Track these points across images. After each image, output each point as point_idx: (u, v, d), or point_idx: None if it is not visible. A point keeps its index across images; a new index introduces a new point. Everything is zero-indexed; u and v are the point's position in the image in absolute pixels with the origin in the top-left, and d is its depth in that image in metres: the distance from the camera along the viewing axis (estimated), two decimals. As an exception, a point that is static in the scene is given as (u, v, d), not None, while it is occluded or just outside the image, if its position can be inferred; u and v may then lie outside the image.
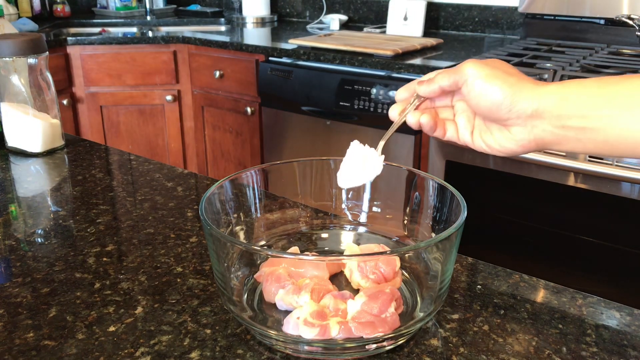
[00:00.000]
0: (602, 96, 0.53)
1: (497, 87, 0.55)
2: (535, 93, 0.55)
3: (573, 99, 0.53)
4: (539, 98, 0.54)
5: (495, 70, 0.56)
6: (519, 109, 0.55)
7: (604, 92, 0.53)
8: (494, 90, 0.56)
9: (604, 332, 0.59)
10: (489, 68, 0.57)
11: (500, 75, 0.56)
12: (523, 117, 0.55)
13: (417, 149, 1.98)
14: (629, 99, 0.51)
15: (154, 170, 1.02)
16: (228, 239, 0.58)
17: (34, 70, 1.06)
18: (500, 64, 0.58)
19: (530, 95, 0.55)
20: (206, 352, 0.56)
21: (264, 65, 2.26)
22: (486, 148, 0.60)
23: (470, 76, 0.57)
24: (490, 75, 0.56)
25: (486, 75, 0.56)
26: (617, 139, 0.53)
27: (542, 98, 0.54)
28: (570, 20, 2.16)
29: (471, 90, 0.57)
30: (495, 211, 1.80)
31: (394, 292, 0.57)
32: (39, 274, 0.69)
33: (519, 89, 0.55)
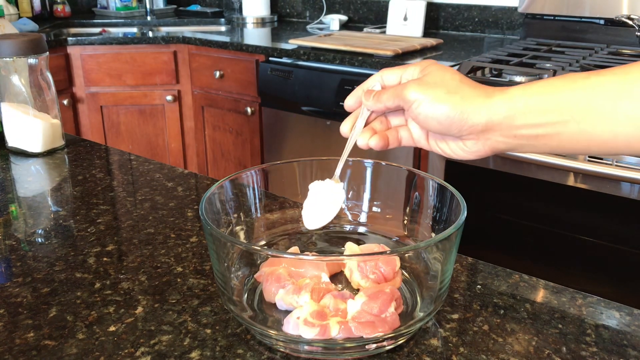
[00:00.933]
0: (550, 104, 0.52)
1: (443, 111, 0.55)
2: (483, 108, 0.54)
3: (521, 110, 0.53)
4: (487, 113, 0.54)
5: (438, 89, 0.55)
6: (469, 127, 0.55)
7: (552, 100, 0.52)
8: (440, 114, 0.55)
9: (603, 332, 0.59)
10: (432, 89, 0.55)
11: (444, 97, 0.55)
12: (475, 133, 0.55)
13: (417, 148, 1.98)
14: (576, 105, 0.51)
15: (154, 170, 1.03)
16: (228, 238, 0.58)
17: (35, 71, 1.06)
18: (442, 78, 0.56)
19: (478, 111, 0.54)
20: (206, 351, 0.56)
21: (264, 66, 2.26)
22: (443, 154, 0.60)
23: (413, 102, 0.56)
24: (434, 98, 0.55)
25: (430, 99, 0.55)
26: (570, 142, 0.53)
27: (490, 112, 0.54)
28: (570, 20, 2.16)
29: (417, 116, 0.57)
30: (495, 211, 1.80)
31: (394, 292, 0.57)
32: (40, 274, 0.69)
33: (466, 106, 0.54)
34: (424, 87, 0.56)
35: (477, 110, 0.54)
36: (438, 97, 0.55)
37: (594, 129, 0.51)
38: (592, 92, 0.51)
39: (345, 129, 0.64)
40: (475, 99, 0.54)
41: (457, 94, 0.55)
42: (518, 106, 0.53)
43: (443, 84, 0.56)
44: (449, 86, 0.55)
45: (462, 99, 0.54)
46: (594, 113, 0.51)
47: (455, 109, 0.54)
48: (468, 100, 0.54)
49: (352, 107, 0.64)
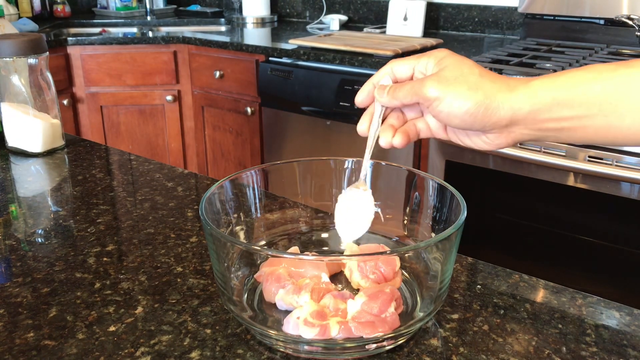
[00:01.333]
0: (577, 97, 0.51)
1: (466, 108, 0.53)
2: (507, 103, 0.52)
3: (546, 104, 0.52)
4: (511, 108, 0.53)
5: (459, 85, 0.53)
6: (492, 123, 0.53)
7: (579, 93, 0.51)
8: (463, 112, 0.53)
9: (603, 332, 0.59)
10: (453, 86, 0.53)
11: (466, 94, 0.53)
12: (498, 128, 0.54)
13: (417, 148, 1.98)
14: (605, 98, 0.51)
15: (154, 170, 1.03)
16: (228, 239, 0.58)
17: (35, 71, 1.06)
18: (462, 72, 0.54)
19: (502, 106, 0.52)
20: (206, 351, 0.56)
21: (264, 66, 2.26)
22: (463, 144, 0.59)
23: (434, 100, 0.54)
24: (456, 95, 0.53)
25: (452, 96, 0.53)
26: (595, 134, 0.52)
27: (514, 107, 0.52)
28: (570, 20, 2.16)
29: (439, 114, 0.55)
30: (495, 211, 1.80)
31: (394, 292, 0.57)
32: (39, 274, 0.69)
33: (489, 103, 0.52)
34: (444, 84, 0.53)
35: (500, 106, 0.53)
36: (460, 94, 0.53)
37: (622, 122, 0.50)
38: (622, 85, 0.50)
39: (363, 128, 0.61)
40: (498, 94, 0.53)
41: (479, 90, 0.53)
42: (543, 100, 0.52)
43: (463, 79, 0.53)
44: (470, 81, 0.53)
45: (484, 96, 0.53)
46: (623, 106, 0.50)
47: (478, 106, 0.53)
48: (491, 96, 0.53)
49: (363, 103, 0.62)
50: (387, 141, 0.60)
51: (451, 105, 0.53)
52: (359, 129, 0.62)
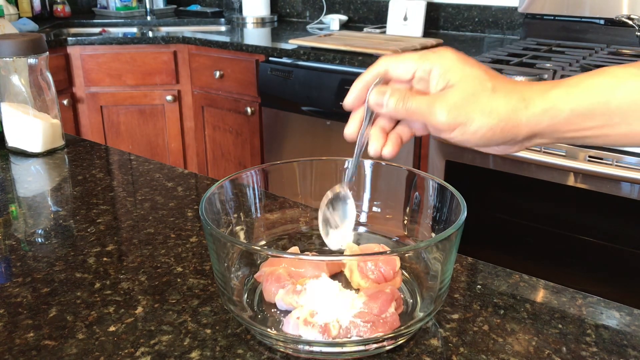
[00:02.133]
0: (599, 108, 0.49)
1: (481, 133, 0.50)
2: (524, 121, 0.50)
3: (566, 116, 0.49)
4: (528, 125, 0.50)
5: (471, 109, 0.49)
6: (509, 140, 0.51)
7: (600, 104, 0.49)
8: (477, 137, 0.50)
9: (603, 332, 0.59)
10: (465, 112, 0.49)
11: (480, 120, 0.49)
12: (516, 143, 0.52)
13: (417, 148, 1.98)
14: (628, 107, 0.48)
15: (154, 170, 1.03)
16: (228, 239, 0.58)
17: (34, 71, 1.06)
18: (473, 89, 0.50)
19: (519, 126, 0.50)
20: (206, 352, 0.56)
21: (264, 66, 2.26)
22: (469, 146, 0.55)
23: (446, 130, 0.50)
24: (470, 121, 0.49)
25: (466, 124, 0.50)
26: (617, 140, 0.51)
27: (532, 124, 0.50)
28: (570, 20, 2.16)
29: (450, 139, 0.52)
30: (495, 211, 1.80)
31: (394, 292, 0.57)
32: (39, 274, 0.69)
33: (504, 125, 0.49)
34: (455, 112, 0.50)
35: (517, 125, 0.50)
36: (472, 120, 0.49)
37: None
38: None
39: (351, 132, 0.57)
40: (514, 114, 0.49)
41: (493, 113, 0.49)
42: (562, 113, 0.49)
43: (475, 102, 0.50)
44: (483, 104, 0.50)
45: (499, 119, 0.49)
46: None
47: (493, 130, 0.50)
48: (506, 117, 0.49)
49: (353, 106, 0.57)
50: (376, 150, 0.56)
51: (465, 133, 0.50)
52: (347, 133, 0.57)
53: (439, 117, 0.50)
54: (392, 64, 0.54)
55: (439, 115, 0.50)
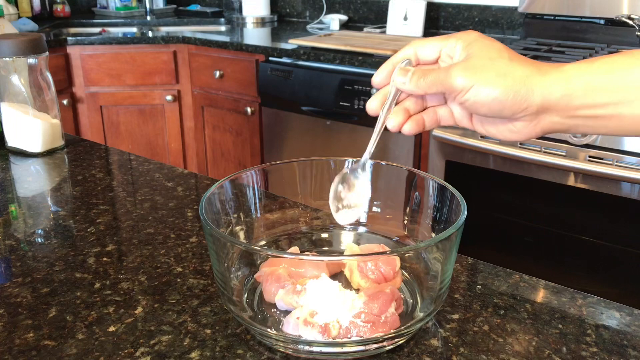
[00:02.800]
0: (614, 83, 0.49)
1: (494, 95, 0.50)
2: (538, 88, 0.50)
3: (581, 89, 0.49)
4: (542, 93, 0.50)
5: (486, 72, 0.51)
6: (523, 110, 0.51)
7: (616, 79, 0.48)
8: (491, 99, 0.51)
9: (604, 332, 0.59)
10: (480, 73, 0.51)
11: (494, 80, 0.50)
12: (528, 115, 0.51)
13: (417, 149, 1.98)
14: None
15: (154, 170, 1.02)
16: (228, 239, 0.58)
17: (34, 70, 1.06)
18: (490, 57, 0.51)
19: (532, 91, 0.50)
20: (206, 352, 0.56)
21: (264, 65, 2.26)
22: (488, 135, 0.56)
23: (462, 90, 0.51)
24: (483, 82, 0.50)
25: (479, 84, 0.50)
26: (632, 123, 0.50)
27: (545, 92, 0.50)
28: (570, 20, 2.16)
29: (464, 102, 0.52)
30: (495, 211, 1.80)
31: (394, 292, 0.57)
32: (39, 274, 0.69)
33: (519, 88, 0.50)
34: (471, 72, 0.51)
35: (531, 91, 0.50)
36: (487, 81, 0.50)
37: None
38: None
39: (374, 106, 0.57)
40: (528, 79, 0.50)
41: (508, 76, 0.50)
42: (577, 85, 0.49)
43: (492, 66, 0.51)
44: (498, 67, 0.51)
45: (514, 81, 0.50)
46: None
47: (507, 92, 0.50)
48: (520, 82, 0.50)
49: (381, 83, 0.58)
50: (396, 124, 0.56)
51: (478, 94, 0.51)
52: (369, 106, 0.58)
53: (455, 78, 0.51)
54: (419, 46, 0.57)
55: (455, 76, 0.51)
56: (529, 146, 1.63)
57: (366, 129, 2.05)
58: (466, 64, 0.52)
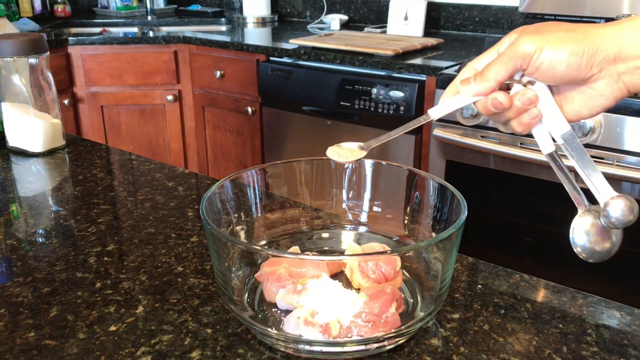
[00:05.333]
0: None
1: (569, 48, 0.49)
2: (611, 34, 0.49)
3: None
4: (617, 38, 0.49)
5: (556, 32, 0.50)
6: (600, 60, 0.49)
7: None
8: (568, 54, 0.49)
9: (604, 331, 0.59)
10: (548, 34, 0.50)
11: (565, 36, 0.49)
12: (606, 65, 0.50)
13: (418, 148, 1.98)
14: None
15: (155, 170, 1.03)
16: (229, 238, 0.58)
17: (35, 70, 1.06)
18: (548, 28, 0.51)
19: (606, 38, 0.49)
20: (207, 351, 0.56)
21: (265, 65, 2.26)
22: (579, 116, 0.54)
23: (534, 53, 0.50)
24: (556, 40, 0.49)
25: (551, 42, 0.49)
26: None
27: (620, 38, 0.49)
28: (571, 20, 2.16)
29: (541, 64, 0.50)
30: (496, 211, 1.80)
31: (395, 292, 0.57)
32: (40, 274, 0.69)
33: (592, 38, 0.49)
34: (538, 36, 0.50)
35: (604, 38, 0.49)
36: (558, 38, 0.49)
37: None
38: None
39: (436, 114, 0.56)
40: (599, 29, 0.49)
41: (577, 31, 0.50)
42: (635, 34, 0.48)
43: (556, 28, 0.50)
44: (563, 28, 0.50)
45: (585, 34, 0.49)
46: None
47: (581, 43, 0.49)
48: (591, 32, 0.49)
49: None
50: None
51: (553, 52, 0.49)
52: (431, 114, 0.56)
53: (524, 44, 0.50)
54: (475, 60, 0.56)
55: (524, 42, 0.50)
56: (529, 146, 1.63)
57: (367, 128, 2.05)
58: (530, 33, 0.51)
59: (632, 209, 0.50)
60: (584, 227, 0.52)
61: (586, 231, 0.52)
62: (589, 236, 0.52)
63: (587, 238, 0.52)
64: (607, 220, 0.51)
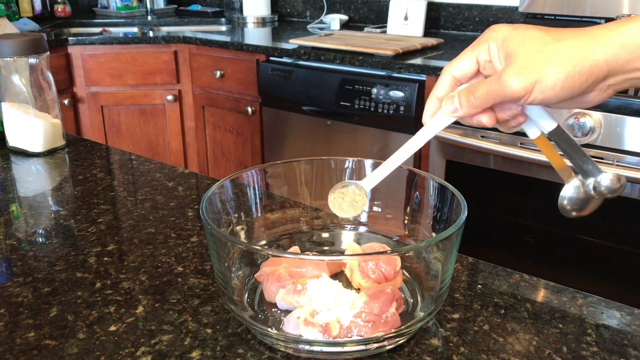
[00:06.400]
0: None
1: (561, 84, 0.47)
2: (602, 56, 0.47)
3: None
4: (608, 62, 0.47)
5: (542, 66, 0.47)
6: (592, 83, 0.48)
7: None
8: (559, 89, 0.48)
9: (604, 331, 0.59)
10: (535, 69, 0.47)
11: (553, 71, 0.47)
12: (598, 84, 0.48)
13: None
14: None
15: (155, 170, 1.03)
16: (229, 238, 0.58)
17: (35, 70, 1.06)
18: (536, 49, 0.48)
19: (597, 62, 0.47)
20: (207, 351, 0.56)
21: (265, 65, 2.26)
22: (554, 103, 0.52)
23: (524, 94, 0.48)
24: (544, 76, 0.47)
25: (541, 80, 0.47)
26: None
27: (612, 60, 0.47)
28: (571, 19, 2.16)
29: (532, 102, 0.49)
30: (495, 211, 1.80)
31: (395, 292, 0.57)
32: (40, 274, 0.69)
33: (580, 68, 0.47)
34: (525, 73, 0.48)
35: (596, 65, 0.47)
36: (547, 74, 0.47)
37: None
38: None
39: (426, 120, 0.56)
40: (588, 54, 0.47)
41: (565, 60, 0.47)
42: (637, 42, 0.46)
43: (543, 57, 0.48)
44: (550, 56, 0.47)
45: (573, 64, 0.47)
46: None
47: (572, 77, 0.47)
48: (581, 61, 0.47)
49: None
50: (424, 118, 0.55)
51: (544, 90, 0.48)
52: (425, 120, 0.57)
53: (512, 85, 0.48)
54: (452, 66, 0.55)
55: (511, 83, 0.48)
56: (529, 146, 1.63)
57: (367, 128, 2.05)
58: (516, 66, 0.49)
59: (620, 178, 0.53)
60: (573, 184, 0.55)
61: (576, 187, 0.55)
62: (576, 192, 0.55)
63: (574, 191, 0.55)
64: (598, 190, 0.53)
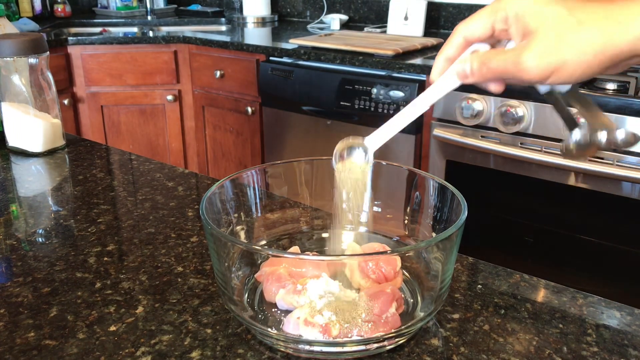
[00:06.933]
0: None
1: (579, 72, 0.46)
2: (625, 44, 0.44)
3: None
4: (631, 50, 0.45)
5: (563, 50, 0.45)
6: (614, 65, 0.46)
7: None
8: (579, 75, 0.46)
9: (604, 331, 0.59)
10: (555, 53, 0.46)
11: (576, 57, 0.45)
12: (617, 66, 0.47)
13: (418, 148, 1.98)
14: None
15: (155, 170, 1.03)
16: (229, 238, 0.58)
17: (35, 70, 1.06)
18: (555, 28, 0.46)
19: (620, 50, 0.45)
20: (207, 351, 0.56)
21: (265, 65, 2.26)
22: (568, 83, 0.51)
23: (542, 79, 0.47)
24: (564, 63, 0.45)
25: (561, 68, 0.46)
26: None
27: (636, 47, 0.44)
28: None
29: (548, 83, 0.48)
30: (495, 211, 1.80)
31: (395, 292, 0.57)
32: (40, 274, 0.69)
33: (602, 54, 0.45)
34: (546, 58, 0.46)
35: (618, 53, 0.45)
36: (566, 63, 0.45)
37: None
38: None
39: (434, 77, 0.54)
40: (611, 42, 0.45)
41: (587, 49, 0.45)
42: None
43: (562, 40, 0.45)
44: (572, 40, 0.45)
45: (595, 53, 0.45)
46: None
47: (591, 66, 0.45)
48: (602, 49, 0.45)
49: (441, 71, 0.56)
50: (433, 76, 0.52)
51: (560, 77, 0.46)
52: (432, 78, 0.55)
53: (530, 71, 0.47)
54: (466, 28, 0.52)
55: (529, 68, 0.47)
56: (529, 146, 1.63)
57: (367, 128, 2.05)
58: (533, 50, 0.47)
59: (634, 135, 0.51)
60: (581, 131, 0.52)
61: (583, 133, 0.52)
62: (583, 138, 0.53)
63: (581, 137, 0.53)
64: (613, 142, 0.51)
